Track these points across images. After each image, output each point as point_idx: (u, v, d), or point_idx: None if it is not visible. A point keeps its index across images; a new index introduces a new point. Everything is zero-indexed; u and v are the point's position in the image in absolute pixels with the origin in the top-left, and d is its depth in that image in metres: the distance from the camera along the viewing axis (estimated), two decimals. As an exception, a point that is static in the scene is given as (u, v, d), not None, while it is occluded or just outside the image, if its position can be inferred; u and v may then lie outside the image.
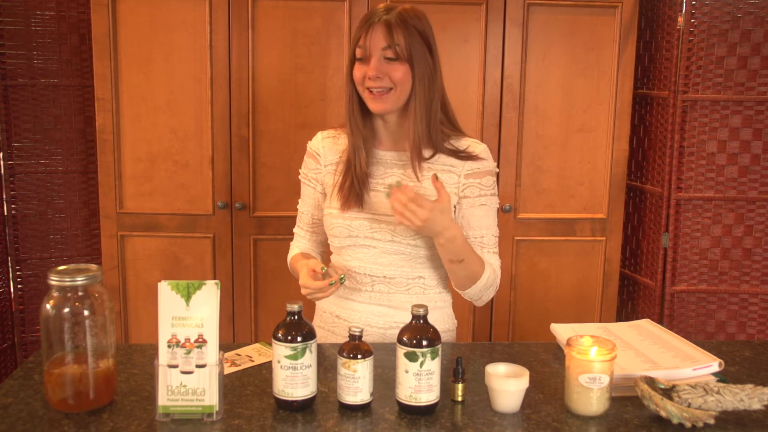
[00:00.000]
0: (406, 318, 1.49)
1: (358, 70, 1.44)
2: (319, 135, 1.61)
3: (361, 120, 1.48)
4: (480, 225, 1.50)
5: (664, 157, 2.58)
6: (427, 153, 1.48)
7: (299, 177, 1.64)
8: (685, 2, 2.48)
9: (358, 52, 1.43)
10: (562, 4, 2.50)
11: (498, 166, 2.53)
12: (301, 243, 1.65)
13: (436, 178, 1.36)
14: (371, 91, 1.42)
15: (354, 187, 1.48)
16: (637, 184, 2.76)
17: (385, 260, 1.49)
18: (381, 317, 1.51)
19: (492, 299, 2.64)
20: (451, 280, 1.50)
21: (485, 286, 1.46)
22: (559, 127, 2.58)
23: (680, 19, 2.49)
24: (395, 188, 1.31)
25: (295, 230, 1.67)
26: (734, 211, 2.58)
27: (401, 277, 1.50)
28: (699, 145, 2.55)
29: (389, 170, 1.51)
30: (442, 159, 1.49)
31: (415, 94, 1.43)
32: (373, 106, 1.44)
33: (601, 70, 2.55)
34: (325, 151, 1.58)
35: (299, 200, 1.65)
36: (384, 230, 1.48)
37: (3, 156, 2.60)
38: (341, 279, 1.40)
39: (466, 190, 1.49)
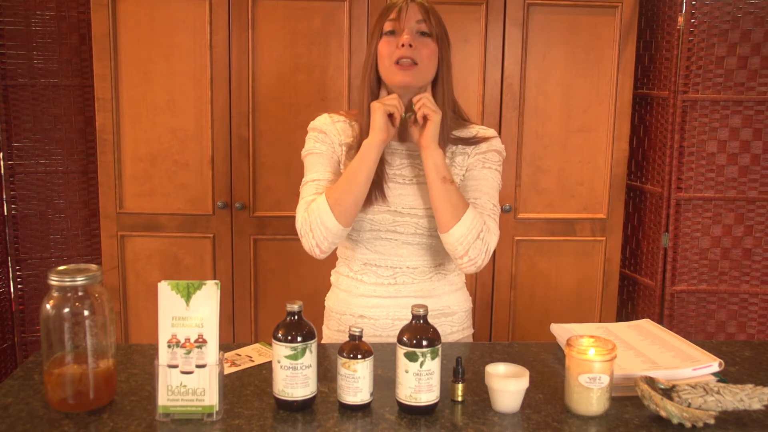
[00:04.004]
0: (433, 305, 1.51)
1: (388, 44, 1.43)
2: (327, 117, 1.55)
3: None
4: (476, 188, 1.48)
5: (664, 157, 2.58)
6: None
7: (304, 153, 1.53)
8: (685, 2, 2.48)
9: (389, 26, 1.43)
10: (562, 4, 2.50)
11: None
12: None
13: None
14: (398, 63, 1.41)
15: (375, 180, 1.43)
16: (637, 184, 2.76)
17: (405, 251, 1.49)
18: (409, 309, 1.49)
19: (492, 300, 2.64)
20: (438, 218, 1.40)
21: (470, 228, 1.38)
22: (559, 126, 2.58)
23: (680, 19, 2.49)
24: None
25: (308, 199, 1.46)
26: (734, 211, 2.58)
27: (423, 266, 1.51)
28: (699, 145, 2.55)
29: (404, 161, 1.50)
30: (451, 148, 1.50)
31: (442, 77, 1.46)
32: (398, 77, 1.41)
33: (601, 70, 2.55)
34: (337, 131, 1.52)
35: (307, 175, 1.50)
36: (407, 223, 1.47)
37: (3, 156, 2.60)
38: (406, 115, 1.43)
39: (470, 163, 1.50)
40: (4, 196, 2.61)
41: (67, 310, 1.11)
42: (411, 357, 1.13)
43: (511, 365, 1.19)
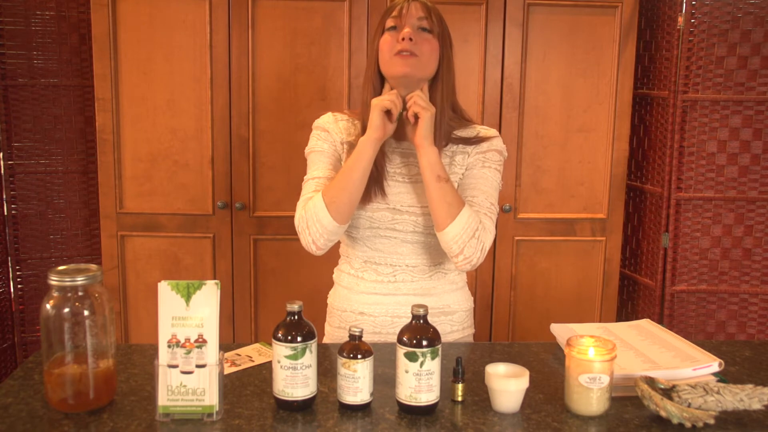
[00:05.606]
0: (433, 303, 1.51)
1: (390, 38, 1.44)
2: (331, 116, 1.57)
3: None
4: (474, 186, 1.48)
5: (664, 157, 2.58)
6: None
7: (307, 151, 1.55)
8: (685, 2, 2.49)
9: (391, 22, 1.44)
10: (562, 4, 2.50)
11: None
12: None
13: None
14: (400, 54, 1.41)
15: (375, 177, 1.45)
16: (637, 184, 2.76)
17: (405, 249, 1.50)
18: (409, 307, 1.50)
19: (492, 300, 2.64)
20: (434, 217, 1.41)
21: (465, 227, 1.38)
22: (559, 126, 2.58)
23: (680, 19, 2.49)
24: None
25: (307, 196, 1.47)
26: (734, 211, 2.58)
27: (423, 265, 1.52)
28: (699, 145, 2.55)
29: (404, 159, 1.51)
30: (452, 148, 1.51)
31: (442, 74, 1.46)
32: (397, 66, 1.42)
33: (601, 70, 2.55)
34: (339, 129, 1.54)
35: (308, 172, 1.51)
36: (406, 221, 1.48)
37: (3, 156, 2.60)
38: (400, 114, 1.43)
39: (470, 162, 1.51)
40: (4, 196, 2.61)
41: (67, 310, 1.11)
42: (411, 357, 1.13)
43: (511, 365, 1.19)
